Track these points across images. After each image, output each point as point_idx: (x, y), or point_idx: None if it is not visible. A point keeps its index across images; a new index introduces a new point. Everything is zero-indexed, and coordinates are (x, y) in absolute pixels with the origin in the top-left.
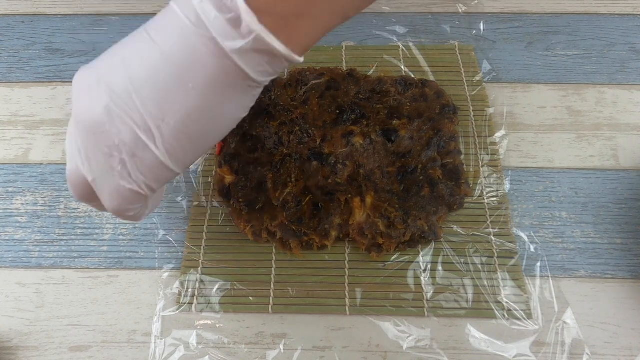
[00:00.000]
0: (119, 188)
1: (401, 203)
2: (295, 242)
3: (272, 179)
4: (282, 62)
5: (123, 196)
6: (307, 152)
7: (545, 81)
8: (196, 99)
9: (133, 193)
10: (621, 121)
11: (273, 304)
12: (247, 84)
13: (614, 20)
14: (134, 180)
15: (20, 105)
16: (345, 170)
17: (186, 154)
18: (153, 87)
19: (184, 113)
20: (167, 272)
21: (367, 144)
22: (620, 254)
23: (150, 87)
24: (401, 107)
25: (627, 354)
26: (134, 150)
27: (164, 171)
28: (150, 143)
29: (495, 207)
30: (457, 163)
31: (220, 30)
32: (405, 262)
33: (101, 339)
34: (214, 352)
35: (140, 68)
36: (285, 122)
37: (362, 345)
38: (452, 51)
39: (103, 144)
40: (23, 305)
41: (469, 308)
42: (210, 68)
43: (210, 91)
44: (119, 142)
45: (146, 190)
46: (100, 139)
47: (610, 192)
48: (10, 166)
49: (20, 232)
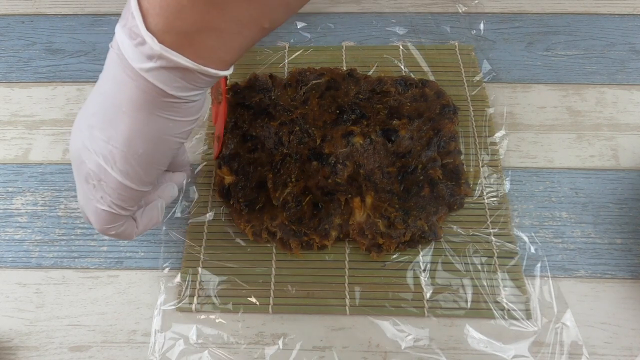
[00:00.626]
0: (96, 210)
1: (401, 203)
2: (295, 242)
3: (272, 179)
4: (199, 77)
5: (101, 217)
6: (307, 152)
7: (545, 81)
8: (129, 121)
9: (107, 213)
10: (621, 121)
11: (273, 304)
12: (169, 100)
13: (614, 20)
14: (105, 202)
15: (20, 105)
16: (345, 170)
17: (139, 174)
18: (101, 119)
19: (125, 136)
20: (168, 269)
21: (367, 144)
22: (620, 254)
23: (99, 120)
24: (401, 107)
25: (627, 354)
26: (100, 175)
27: (127, 190)
28: (108, 167)
29: (495, 207)
30: (457, 163)
31: (133, 55)
32: (405, 262)
33: (101, 339)
34: (214, 348)
35: (93, 105)
36: (285, 122)
37: (362, 345)
38: (452, 51)
39: (82, 173)
40: (23, 305)
41: (468, 308)
42: (132, 90)
43: (138, 111)
44: (90, 170)
45: (117, 209)
46: (80, 169)
47: (610, 192)
48: (10, 166)
49: (20, 232)
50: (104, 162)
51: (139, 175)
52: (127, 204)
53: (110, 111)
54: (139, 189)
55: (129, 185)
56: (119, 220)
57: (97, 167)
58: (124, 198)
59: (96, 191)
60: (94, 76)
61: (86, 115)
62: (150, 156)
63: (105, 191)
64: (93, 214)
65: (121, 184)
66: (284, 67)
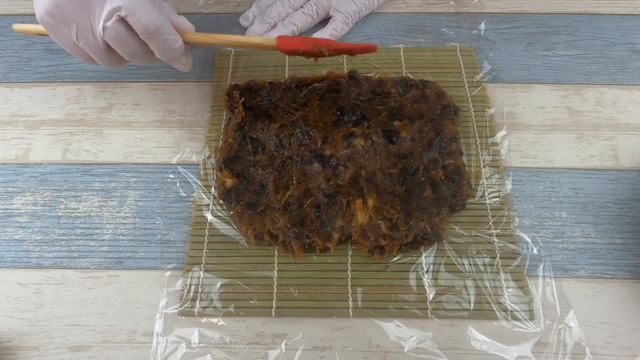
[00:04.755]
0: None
1: (403, 204)
2: (297, 244)
3: (273, 181)
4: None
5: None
6: (308, 154)
7: (545, 81)
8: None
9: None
10: (621, 121)
11: (276, 307)
12: None
13: (614, 20)
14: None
15: (20, 105)
16: (347, 172)
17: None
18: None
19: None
20: (169, 271)
21: (369, 146)
22: (620, 254)
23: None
24: (402, 108)
25: (627, 354)
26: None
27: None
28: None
29: (497, 208)
30: (458, 164)
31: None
32: (407, 263)
33: (101, 339)
34: (216, 351)
35: None
36: (286, 124)
37: (362, 346)
38: (453, 52)
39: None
40: (23, 305)
41: (471, 309)
42: None
43: None
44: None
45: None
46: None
47: (610, 192)
48: (10, 166)
49: (20, 232)
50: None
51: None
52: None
53: None
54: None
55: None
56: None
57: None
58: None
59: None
60: (93, 76)
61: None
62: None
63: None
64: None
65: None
66: (285, 70)
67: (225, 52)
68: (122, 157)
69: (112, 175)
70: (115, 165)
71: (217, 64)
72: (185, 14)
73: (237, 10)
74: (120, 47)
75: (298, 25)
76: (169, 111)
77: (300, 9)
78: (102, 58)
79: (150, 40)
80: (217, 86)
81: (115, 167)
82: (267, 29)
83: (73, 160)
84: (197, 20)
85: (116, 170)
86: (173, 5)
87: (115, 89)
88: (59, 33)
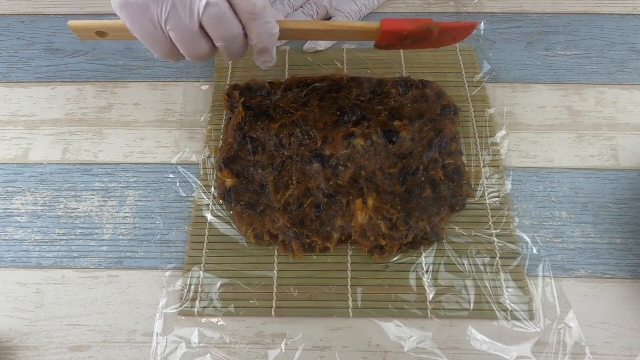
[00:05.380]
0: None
1: (403, 204)
2: (297, 244)
3: (274, 181)
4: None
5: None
6: (308, 154)
7: (545, 81)
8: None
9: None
10: (621, 121)
11: (276, 307)
12: None
13: (614, 20)
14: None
15: (20, 105)
16: (347, 172)
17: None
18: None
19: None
20: (169, 271)
21: (369, 146)
22: (620, 254)
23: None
24: (402, 108)
25: (627, 354)
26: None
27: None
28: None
29: (497, 208)
30: (458, 164)
31: None
32: (407, 263)
33: (101, 339)
34: (216, 351)
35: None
36: (286, 124)
37: (362, 346)
38: (453, 52)
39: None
40: (23, 305)
41: (471, 309)
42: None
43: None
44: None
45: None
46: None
47: (610, 192)
48: (10, 166)
49: (20, 232)
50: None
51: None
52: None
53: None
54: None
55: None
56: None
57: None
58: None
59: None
60: (93, 76)
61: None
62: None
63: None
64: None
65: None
66: (285, 70)
67: None
68: (122, 157)
69: (112, 175)
70: (115, 165)
71: (217, 64)
72: None
73: None
74: (219, 29)
75: None
76: (169, 111)
77: (300, 9)
78: (191, 43)
79: (252, 23)
80: (217, 86)
81: (115, 167)
82: None
83: (73, 160)
84: None
85: (116, 170)
86: None
87: (115, 89)
88: (144, 16)
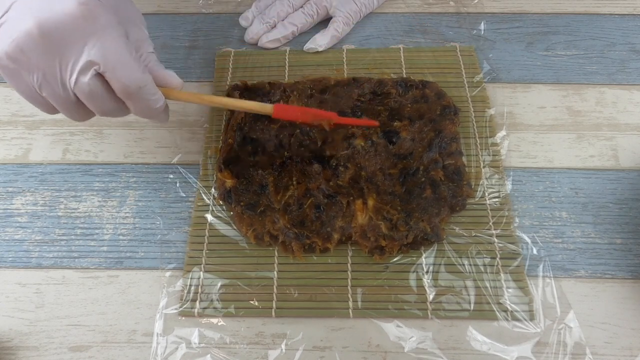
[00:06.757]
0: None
1: (403, 205)
2: (297, 245)
3: (274, 182)
4: None
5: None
6: (308, 155)
7: (545, 81)
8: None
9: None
10: (621, 121)
11: (276, 307)
12: None
13: (614, 20)
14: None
15: (20, 105)
16: (347, 173)
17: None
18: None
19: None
20: (169, 271)
21: (369, 146)
22: (620, 254)
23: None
24: (402, 108)
25: (627, 354)
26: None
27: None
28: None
29: (497, 208)
30: (458, 164)
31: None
32: (407, 264)
33: (101, 339)
34: (216, 351)
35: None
36: (286, 124)
37: (362, 346)
38: (453, 52)
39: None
40: (23, 305)
41: (471, 310)
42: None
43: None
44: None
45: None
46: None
47: (610, 192)
48: (10, 166)
49: (20, 232)
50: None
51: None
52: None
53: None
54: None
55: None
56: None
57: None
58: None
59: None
60: None
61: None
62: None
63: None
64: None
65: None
66: (285, 70)
67: (225, 52)
68: (122, 157)
69: (112, 175)
70: (115, 165)
71: (217, 64)
72: (185, 14)
73: (237, 10)
74: (92, 103)
75: (298, 25)
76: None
77: (300, 9)
78: (68, 111)
79: (128, 100)
80: (217, 86)
81: (115, 167)
82: (266, 29)
83: (73, 160)
84: (197, 20)
85: (116, 170)
86: (173, 5)
87: None
88: (17, 79)
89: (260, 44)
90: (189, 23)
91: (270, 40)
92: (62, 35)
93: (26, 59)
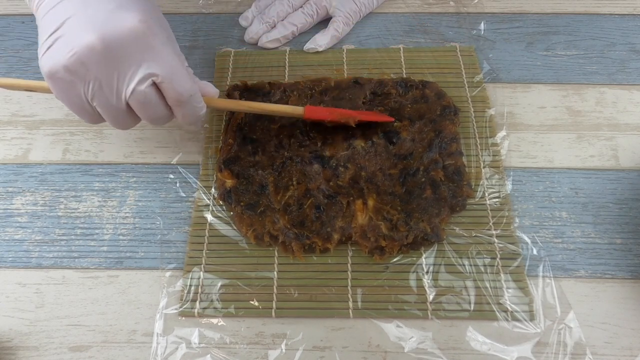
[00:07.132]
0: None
1: (403, 205)
2: (297, 245)
3: (274, 182)
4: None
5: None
6: (308, 155)
7: (545, 81)
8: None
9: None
10: (621, 121)
11: (276, 307)
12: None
13: (614, 20)
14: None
15: (20, 105)
16: (347, 173)
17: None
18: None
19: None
20: (169, 271)
21: (369, 146)
22: (620, 254)
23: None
24: (402, 108)
25: (627, 354)
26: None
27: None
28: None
29: (498, 209)
30: (458, 164)
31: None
32: (407, 264)
33: (101, 339)
34: (216, 351)
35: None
36: (286, 125)
37: (362, 346)
38: (453, 52)
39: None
40: (23, 305)
41: (471, 310)
42: None
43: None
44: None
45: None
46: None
47: (610, 192)
48: (10, 166)
49: (20, 232)
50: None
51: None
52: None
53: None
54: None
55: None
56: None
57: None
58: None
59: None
60: None
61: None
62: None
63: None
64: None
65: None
66: (285, 70)
67: (225, 52)
68: (122, 157)
69: (112, 175)
70: (115, 165)
71: (217, 64)
72: (185, 14)
73: (237, 10)
74: (145, 111)
75: (298, 25)
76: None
77: (300, 9)
78: (115, 119)
79: (178, 107)
80: (217, 86)
81: (115, 167)
82: (266, 29)
83: (73, 160)
84: (197, 20)
85: (116, 170)
86: (173, 5)
87: None
88: (70, 90)
89: (260, 44)
90: (189, 23)
91: (270, 40)
92: (123, 49)
93: (84, 71)
